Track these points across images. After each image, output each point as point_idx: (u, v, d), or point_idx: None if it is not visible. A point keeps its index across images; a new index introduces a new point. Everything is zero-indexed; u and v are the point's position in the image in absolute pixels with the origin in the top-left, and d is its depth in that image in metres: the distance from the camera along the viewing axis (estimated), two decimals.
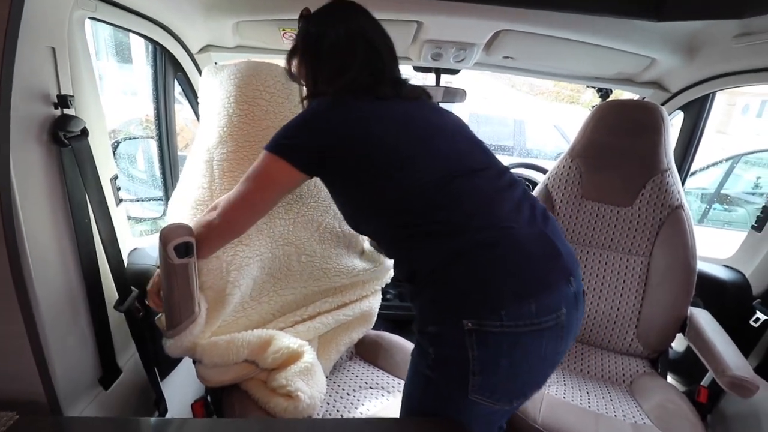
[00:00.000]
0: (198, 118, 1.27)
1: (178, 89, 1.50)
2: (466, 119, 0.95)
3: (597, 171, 1.34)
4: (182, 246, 0.82)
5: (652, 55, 1.34)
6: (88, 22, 0.95)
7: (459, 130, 0.86)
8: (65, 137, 0.77)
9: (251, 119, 1.06)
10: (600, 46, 1.31)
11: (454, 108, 2.45)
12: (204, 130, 1.09)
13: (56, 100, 0.75)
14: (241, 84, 1.05)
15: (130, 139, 1.83)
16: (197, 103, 1.20)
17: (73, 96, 0.79)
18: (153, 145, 1.56)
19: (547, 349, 0.72)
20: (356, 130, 0.78)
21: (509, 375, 0.71)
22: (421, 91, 0.91)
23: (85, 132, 0.82)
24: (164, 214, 1.51)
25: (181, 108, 1.97)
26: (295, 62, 0.94)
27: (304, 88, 0.94)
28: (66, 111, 0.78)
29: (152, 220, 1.75)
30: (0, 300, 0.65)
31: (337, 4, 0.89)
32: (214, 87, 1.09)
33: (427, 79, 1.74)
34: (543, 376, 0.77)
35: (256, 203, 0.83)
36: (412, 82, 0.92)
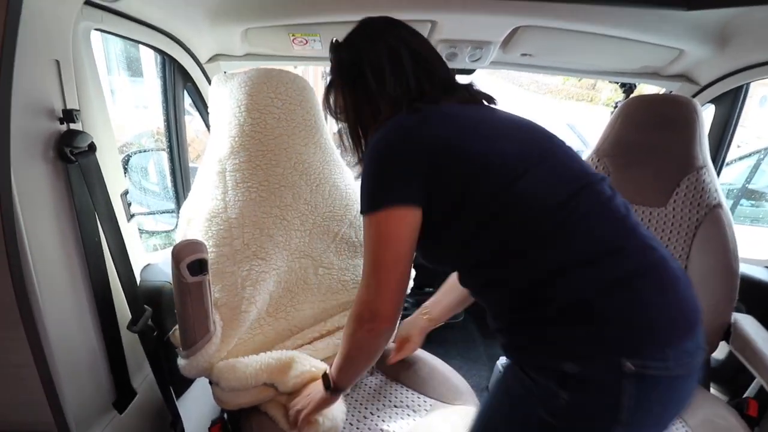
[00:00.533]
0: (209, 129, 1.23)
1: (188, 100, 1.48)
2: None
3: (626, 170, 1.26)
4: (196, 263, 0.77)
5: (681, 46, 1.26)
6: (95, 34, 0.92)
7: (555, 138, 0.73)
8: (72, 153, 0.73)
9: (263, 128, 1.02)
10: (624, 39, 1.25)
11: None
12: (215, 140, 1.06)
13: (61, 115, 0.72)
14: (251, 92, 1.02)
15: (141, 152, 1.81)
16: (207, 113, 1.17)
17: (79, 110, 0.76)
18: (164, 157, 1.54)
19: (688, 390, 0.63)
20: (454, 134, 0.66)
21: (653, 424, 0.62)
22: (489, 96, 0.80)
23: (92, 147, 0.78)
24: (177, 227, 1.49)
25: (191, 119, 1.95)
26: (332, 98, 0.83)
27: (345, 124, 0.83)
28: (72, 126, 0.75)
29: (165, 233, 1.73)
30: (5, 326, 0.62)
31: (367, 24, 0.79)
32: (224, 96, 1.05)
33: None
34: (671, 421, 0.67)
35: (390, 270, 0.67)
36: None
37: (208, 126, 1.34)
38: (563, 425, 0.60)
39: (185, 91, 1.38)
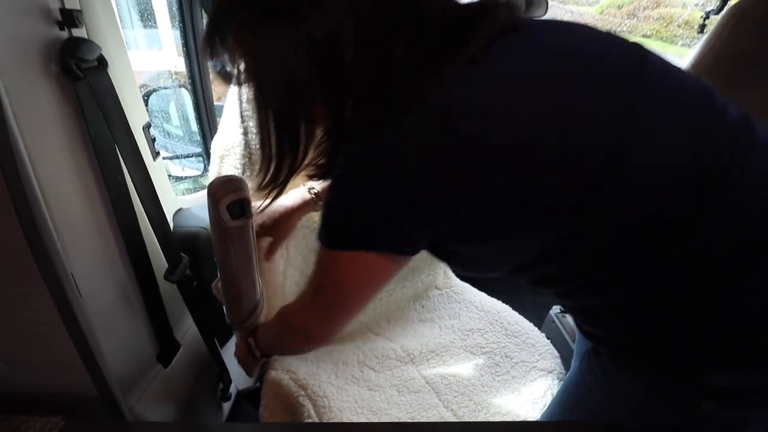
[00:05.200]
0: None
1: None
2: None
3: (732, 90, 1.03)
4: (236, 204, 0.65)
5: None
6: None
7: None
8: (78, 68, 0.59)
9: None
10: None
11: None
12: None
13: (60, 17, 0.57)
14: None
15: (160, 89, 1.66)
16: None
17: (80, 11, 0.60)
18: (185, 96, 1.39)
19: None
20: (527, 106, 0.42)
21: None
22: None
23: (102, 61, 0.63)
24: (206, 170, 1.37)
25: None
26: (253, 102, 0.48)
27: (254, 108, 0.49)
28: (75, 33, 0.59)
29: (193, 178, 1.62)
30: (19, 278, 0.51)
31: None
32: None
33: None
34: None
35: (350, 311, 0.56)
36: None
37: None
38: None
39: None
